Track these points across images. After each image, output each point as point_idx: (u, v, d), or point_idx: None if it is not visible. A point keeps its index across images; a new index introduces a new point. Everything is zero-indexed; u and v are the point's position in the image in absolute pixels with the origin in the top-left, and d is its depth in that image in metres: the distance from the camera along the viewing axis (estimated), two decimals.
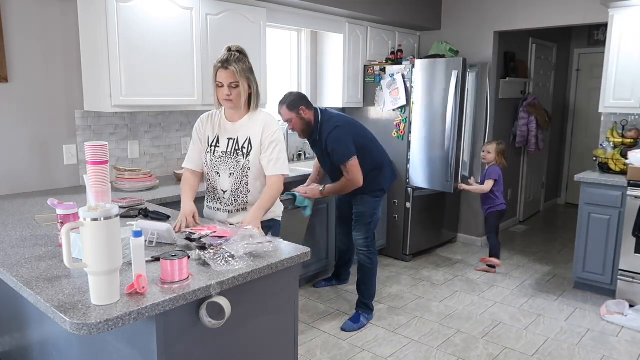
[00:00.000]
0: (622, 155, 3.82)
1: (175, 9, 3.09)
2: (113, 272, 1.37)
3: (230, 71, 2.16)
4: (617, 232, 3.62)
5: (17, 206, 2.56)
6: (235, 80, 2.17)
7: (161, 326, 1.45)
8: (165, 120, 3.55)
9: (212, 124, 2.37)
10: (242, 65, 2.19)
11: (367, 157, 3.25)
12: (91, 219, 1.32)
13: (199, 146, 2.40)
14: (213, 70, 2.22)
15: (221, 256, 1.69)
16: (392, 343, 3.11)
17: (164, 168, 3.58)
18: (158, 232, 1.90)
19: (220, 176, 2.34)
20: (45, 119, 2.98)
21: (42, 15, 2.89)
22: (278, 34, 4.39)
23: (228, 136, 2.31)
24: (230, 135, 2.31)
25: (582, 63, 6.67)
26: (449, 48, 4.74)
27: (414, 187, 4.47)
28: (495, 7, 4.76)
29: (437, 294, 3.88)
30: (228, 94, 2.19)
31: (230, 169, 2.30)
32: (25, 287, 1.49)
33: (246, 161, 2.28)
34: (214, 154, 2.33)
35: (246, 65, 2.22)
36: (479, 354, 2.99)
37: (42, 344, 2.12)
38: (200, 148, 2.40)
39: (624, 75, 3.75)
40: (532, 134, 5.54)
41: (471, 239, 5.17)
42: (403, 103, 4.36)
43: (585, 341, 3.15)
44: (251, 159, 2.28)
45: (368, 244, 3.37)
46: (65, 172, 3.10)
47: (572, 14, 4.33)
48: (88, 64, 3.01)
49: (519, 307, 3.64)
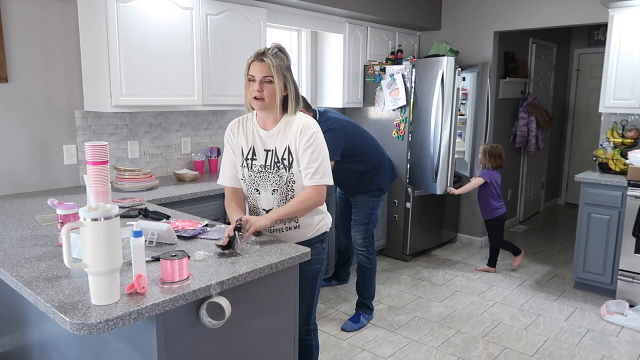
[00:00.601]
0: (622, 155, 3.82)
1: (175, 9, 3.09)
2: (113, 272, 1.37)
3: (266, 64, 1.90)
4: (617, 232, 3.62)
5: (17, 206, 2.56)
6: (269, 75, 1.91)
7: (161, 326, 1.45)
8: (165, 120, 3.55)
9: (244, 132, 2.07)
10: (279, 61, 1.93)
11: (364, 158, 3.25)
12: (91, 219, 1.32)
13: (233, 158, 2.10)
14: (246, 65, 1.96)
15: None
16: (392, 343, 3.11)
17: (164, 168, 3.58)
18: (158, 232, 1.90)
19: (260, 194, 2.06)
20: (45, 119, 2.98)
21: (42, 16, 2.89)
22: (278, 34, 4.40)
23: (265, 147, 2.02)
24: (267, 147, 2.02)
25: (582, 63, 6.67)
26: (449, 48, 4.74)
27: (414, 187, 4.47)
28: (495, 7, 4.76)
29: (437, 294, 3.88)
30: (259, 90, 1.91)
31: (273, 184, 2.02)
32: (25, 287, 1.49)
33: (289, 174, 1.99)
34: (252, 168, 2.05)
35: (284, 62, 1.95)
36: (479, 354, 2.99)
37: (42, 344, 2.12)
38: (234, 160, 2.10)
39: (624, 75, 3.75)
40: (532, 134, 5.54)
41: (471, 239, 5.17)
42: (403, 103, 4.36)
43: (585, 341, 3.15)
44: (295, 171, 1.98)
45: (367, 244, 3.38)
46: (65, 172, 3.10)
47: (572, 14, 4.33)
48: (88, 64, 3.01)
49: (519, 307, 3.64)
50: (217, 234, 2.04)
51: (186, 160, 3.70)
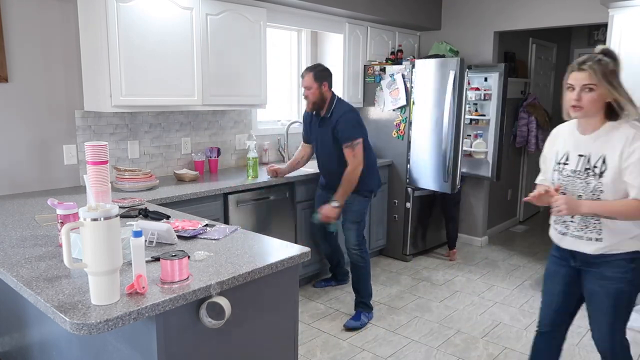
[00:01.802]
0: None
1: (175, 9, 3.09)
2: (113, 272, 1.37)
3: (587, 73, 1.89)
4: None
5: (17, 206, 2.56)
6: (591, 83, 1.89)
7: (161, 326, 1.45)
8: (165, 120, 3.55)
9: (563, 137, 2.09)
10: (603, 68, 1.91)
11: (366, 154, 3.27)
12: (91, 219, 1.32)
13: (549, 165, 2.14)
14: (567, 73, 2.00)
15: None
16: (392, 343, 3.11)
17: (164, 168, 3.58)
18: (158, 232, 1.90)
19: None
20: (45, 119, 2.98)
21: (42, 16, 2.89)
22: (278, 34, 4.40)
23: (579, 152, 1.99)
24: (582, 152, 1.98)
25: None
26: (449, 48, 4.74)
27: (414, 187, 4.47)
28: (495, 7, 4.76)
29: (437, 294, 3.88)
30: (577, 99, 1.90)
31: (579, 190, 1.96)
32: (25, 287, 1.49)
33: (598, 183, 1.91)
34: (562, 172, 2.04)
35: (608, 69, 1.92)
36: (479, 354, 2.99)
37: (42, 344, 2.12)
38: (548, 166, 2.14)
39: (624, 75, 3.73)
40: (532, 134, 5.54)
41: (471, 239, 5.17)
42: (403, 103, 4.36)
43: (585, 341, 3.15)
44: (604, 181, 1.90)
45: (359, 243, 3.38)
46: (65, 172, 3.10)
47: (572, 14, 4.33)
48: (88, 64, 3.01)
49: (519, 307, 3.64)
50: (217, 234, 2.04)
51: (186, 160, 3.70)
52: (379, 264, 4.51)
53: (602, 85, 1.89)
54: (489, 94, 4.63)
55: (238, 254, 1.81)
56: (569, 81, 1.95)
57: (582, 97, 1.90)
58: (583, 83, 1.90)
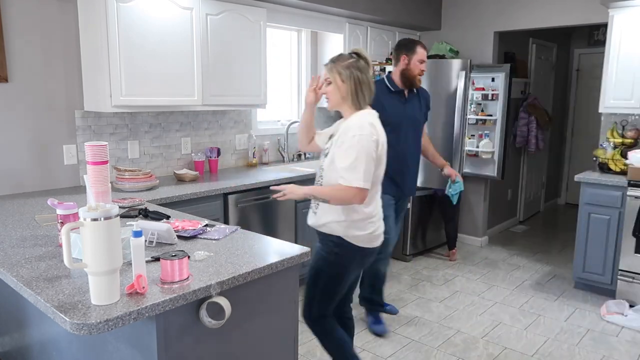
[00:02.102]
0: (622, 155, 3.82)
1: (175, 9, 3.09)
2: (113, 272, 1.37)
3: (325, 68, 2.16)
4: (617, 232, 3.62)
5: (17, 206, 2.56)
6: (327, 77, 2.15)
7: (161, 326, 1.45)
8: (165, 120, 3.55)
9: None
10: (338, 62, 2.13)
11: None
12: (91, 219, 1.32)
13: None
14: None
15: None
16: (392, 343, 3.11)
17: (164, 168, 3.58)
18: (158, 232, 1.90)
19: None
20: (45, 119, 2.98)
21: (42, 16, 2.89)
22: (278, 34, 4.40)
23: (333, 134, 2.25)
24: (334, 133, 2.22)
25: (582, 63, 6.67)
26: (449, 48, 4.74)
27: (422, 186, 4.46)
28: (495, 7, 4.76)
29: (437, 294, 3.88)
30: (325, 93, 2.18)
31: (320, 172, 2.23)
32: (25, 287, 1.49)
33: (321, 167, 2.20)
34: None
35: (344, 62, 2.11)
36: (479, 354, 2.99)
37: (42, 344, 2.12)
38: None
39: (624, 75, 3.74)
40: (532, 134, 5.54)
41: (471, 239, 5.17)
42: None
43: (585, 341, 3.15)
44: (324, 165, 2.17)
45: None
46: (65, 172, 3.10)
47: (572, 14, 4.33)
48: (88, 64, 3.01)
49: (519, 307, 3.64)
50: (217, 234, 2.04)
51: (186, 160, 3.70)
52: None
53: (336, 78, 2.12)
54: (495, 94, 4.64)
55: (238, 254, 1.81)
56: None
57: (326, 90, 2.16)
58: (325, 77, 2.15)
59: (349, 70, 2.11)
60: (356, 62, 2.13)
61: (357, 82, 2.11)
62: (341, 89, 2.12)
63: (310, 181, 3.76)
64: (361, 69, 2.12)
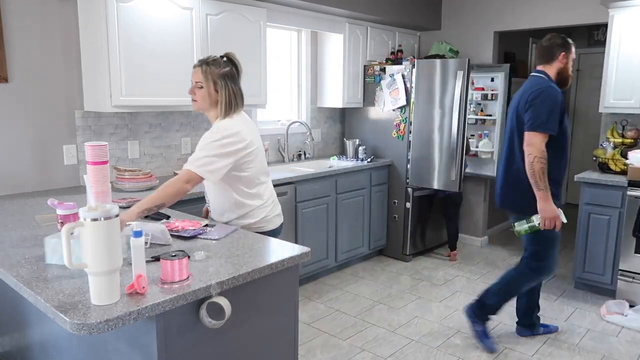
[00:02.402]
0: (622, 155, 3.82)
1: (175, 9, 3.09)
2: (113, 272, 1.37)
3: (196, 70, 2.13)
4: (617, 232, 3.62)
5: (17, 206, 2.56)
6: (199, 80, 2.13)
7: (161, 326, 1.45)
8: (165, 120, 3.55)
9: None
10: (214, 68, 2.11)
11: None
12: (91, 219, 1.32)
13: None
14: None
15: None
16: (392, 343, 3.11)
17: (164, 168, 3.58)
18: (152, 233, 1.90)
19: None
20: (45, 119, 2.98)
21: (42, 15, 2.89)
22: (278, 34, 4.40)
23: None
24: None
25: (582, 63, 6.67)
26: (449, 48, 4.74)
27: (415, 187, 4.47)
28: (495, 7, 4.76)
29: (437, 294, 3.88)
30: (192, 93, 2.17)
31: None
32: (25, 287, 1.49)
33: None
34: None
35: (220, 70, 2.11)
36: (479, 354, 2.99)
37: (42, 344, 2.12)
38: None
39: (624, 75, 3.75)
40: None
41: (471, 239, 5.17)
42: (403, 103, 4.36)
43: (585, 341, 3.15)
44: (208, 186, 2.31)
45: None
46: (65, 172, 3.10)
47: (572, 14, 4.33)
48: (88, 64, 3.01)
49: None
50: (217, 233, 2.04)
51: (186, 160, 3.69)
52: (379, 264, 4.52)
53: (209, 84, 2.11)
54: (495, 94, 4.64)
55: (238, 254, 1.81)
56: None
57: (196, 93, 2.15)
58: (195, 80, 2.14)
59: (224, 80, 2.12)
60: (230, 71, 2.14)
61: (232, 93, 2.13)
62: (212, 97, 2.13)
63: (310, 181, 3.76)
64: (234, 79, 2.16)
